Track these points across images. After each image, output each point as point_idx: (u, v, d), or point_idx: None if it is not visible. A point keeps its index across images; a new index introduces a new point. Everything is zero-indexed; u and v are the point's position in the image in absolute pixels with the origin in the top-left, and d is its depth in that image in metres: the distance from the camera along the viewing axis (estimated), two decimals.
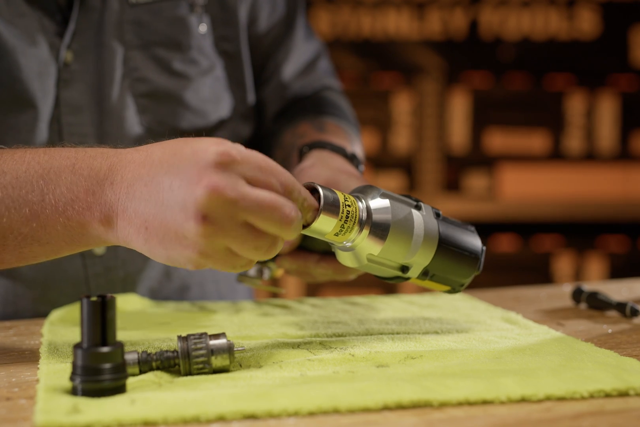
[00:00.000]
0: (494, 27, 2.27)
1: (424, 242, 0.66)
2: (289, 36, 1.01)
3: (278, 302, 0.87)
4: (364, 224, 0.63)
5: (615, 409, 0.53)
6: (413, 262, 0.66)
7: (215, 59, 0.94)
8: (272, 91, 1.01)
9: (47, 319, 0.78)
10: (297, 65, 1.02)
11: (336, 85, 1.06)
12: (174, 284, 0.95)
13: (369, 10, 2.26)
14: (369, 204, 0.64)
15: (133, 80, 0.88)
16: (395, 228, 0.64)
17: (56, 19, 0.85)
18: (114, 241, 0.60)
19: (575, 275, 2.25)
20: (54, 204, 0.60)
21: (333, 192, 0.62)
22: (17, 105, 0.83)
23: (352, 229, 0.63)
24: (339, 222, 0.62)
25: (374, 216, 0.64)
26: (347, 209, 0.62)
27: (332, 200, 0.62)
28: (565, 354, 0.64)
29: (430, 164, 2.22)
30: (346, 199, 0.63)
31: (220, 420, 0.50)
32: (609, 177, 2.25)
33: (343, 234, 0.63)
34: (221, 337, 0.59)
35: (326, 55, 1.06)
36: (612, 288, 0.95)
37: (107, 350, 0.53)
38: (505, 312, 0.81)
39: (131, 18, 0.88)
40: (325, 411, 0.52)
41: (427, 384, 0.55)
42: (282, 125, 0.97)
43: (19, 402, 0.53)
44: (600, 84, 2.25)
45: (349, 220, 0.62)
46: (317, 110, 0.97)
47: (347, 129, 0.95)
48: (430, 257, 0.67)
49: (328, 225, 0.62)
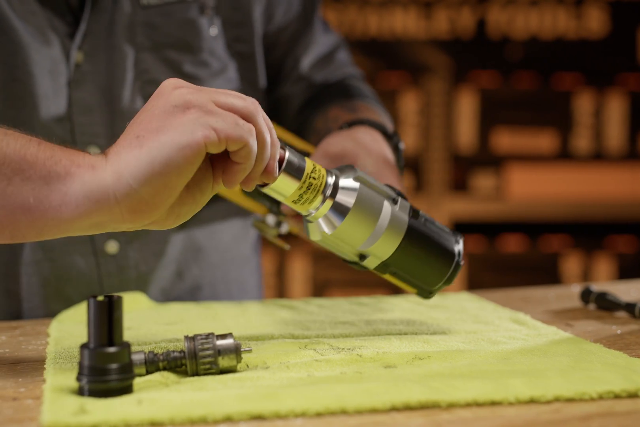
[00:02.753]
0: (502, 26, 2.26)
1: (385, 234, 0.64)
2: (307, 31, 1.01)
3: (284, 303, 0.87)
4: (325, 199, 0.63)
5: (625, 411, 0.53)
6: (371, 252, 0.65)
7: (228, 61, 0.94)
8: (294, 85, 1.01)
9: (54, 319, 0.78)
10: (316, 58, 1.02)
11: (358, 74, 1.06)
12: (186, 284, 0.95)
13: (376, 9, 2.25)
14: (338, 182, 0.64)
15: (144, 83, 0.88)
16: (356, 212, 0.63)
17: (67, 19, 0.85)
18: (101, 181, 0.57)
19: (584, 275, 2.24)
20: (44, 149, 0.59)
21: (302, 160, 0.62)
22: (29, 102, 0.84)
23: (313, 201, 0.63)
24: (298, 191, 0.62)
25: (338, 195, 0.63)
26: (310, 180, 0.62)
27: (296, 166, 0.62)
28: (574, 355, 0.63)
29: (437, 164, 2.22)
30: (314, 170, 0.62)
31: (227, 420, 0.50)
32: (618, 177, 2.24)
33: (302, 204, 0.63)
34: (228, 338, 0.59)
35: (345, 47, 1.06)
36: (621, 288, 0.95)
37: (114, 350, 0.53)
38: (514, 313, 0.80)
39: (142, 20, 0.88)
40: (332, 411, 0.51)
41: (435, 384, 0.54)
42: (311, 114, 0.96)
43: (25, 403, 0.53)
44: (609, 83, 2.25)
45: (310, 191, 0.62)
46: (343, 95, 0.97)
47: (377, 109, 0.94)
48: (390, 252, 0.65)
49: (287, 189, 0.62)
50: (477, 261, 2.21)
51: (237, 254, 1.00)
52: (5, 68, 0.83)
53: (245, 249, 1.01)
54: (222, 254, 0.98)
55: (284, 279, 2.21)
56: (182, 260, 0.94)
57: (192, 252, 0.95)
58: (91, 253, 0.89)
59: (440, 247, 0.67)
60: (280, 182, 0.61)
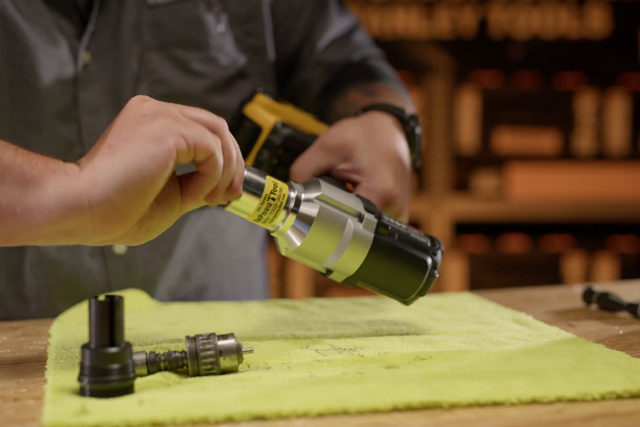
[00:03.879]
0: (504, 26, 2.26)
1: (348, 252, 0.65)
2: (322, 15, 1.00)
3: (286, 303, 0.86)
4: (287, 217, 0.64)
5: (627, 411, 0.53)
6: (335, 268, 0.66)
7: (238, 56, 0.93)
8: (313, 70, 1.00)
9: (55, 320, 0.78)
10: (331, 39, 1.01)
11: (378, 53, 1.05)
12: (193, 284, 0.95)
13: (378, 9, 2.25)
14: (300, 201, 0.64)
15: (151, 82, 0.88)
16: (315, 232, 0.64)
17: (74, 20, 0.85)
18: (76, 187, 0.58)
19: (586, 276, 2.24)
20: (21, 154, 0.59)
21: (262, 178, 0.63)
22: (37, 103, 0.84)
23: (274, 220, 0.64)
24: (257, 211, 0.63)
25: (298, 214, 0.64)
26: (269, 200, 0.63)
27: (255, 184, 0.63)
28: (576, 356, 0.63)
29: (439, 164, 2.22)
30: (275, 190, 0.63)
31: (229, 421, 0.50)
32: (620, 177, 2.23)
33: (263, 222, 0.64)
34: (229, 338, 0.59)
35: (362, 28, 1.05)
36: (623, 289, 0.94)
37: (115, 350, 0.53)
38: (516, 313, 0.80)
39: (149, 19, 0.88)
40: (334, 412, 0.51)
41: (436, 385, 0.54)
42: (332, 97, 0.96)
43: (26, 403, 0.53)
44: (611, 83, 2.24)
45: (270, 210, 0.63)
46: (364, 76, 0.96)
47: (398, 90, 0.93)
48: (354, 268, 0.66)
49: (247, 208, 0.63)
50: (478, 261, 2.21)
51: (244, 254, 1.00)
52: (13, 69, 0.83)
53: (252, 249, 1.01)
54: (229, 254, 0.98)
55: (286, 279, 2.21)
56: (189, 260, 0.94)
57: (199, 253, 0.95)
58: (99, 254, 0.89)
59: (409, 261, 0.67)
60: (240, 201, 0.63)
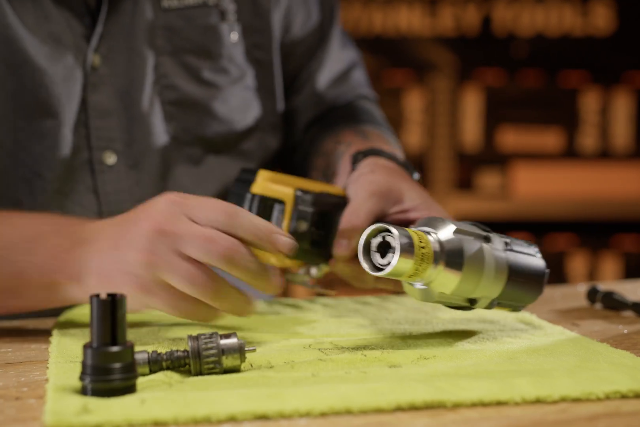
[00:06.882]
0: (507, 23, 2.25)
1: (494, 277, 0.65)
2: (324, 45, 1.00)
3: (289, 302, 0.86)
4: (437, 264, 0.63)
5: (632, 411, 0.52)
6: (482, 295, 0.66)
7: (246, 68, 0.93)
8: (305, 100, 0.99)
9: (57, 318, 0.78)
10: (331, 75, 1.00)
11: (371, 95, 1.04)
12: None
13: (381, 7, 2.25)
14: (442, 243, 0.63)
15: (162, 87, 0.88)
16: (467, 267, 0.64)
17: (85, 21, 0.85)
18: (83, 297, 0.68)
19: (590, 274, 2.23)
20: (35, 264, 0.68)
21: (407, 234, 0.61)
22: (40, 110, 0.83)
23: (426, 270, 0.62)
24: (414, 266, 0.61)
25: (446, 257, 0.63)
26: (421, 251, 0.61)
27: (407, 244, 0.60)
28: (580, 355, 0.63)
29: (442, 162, 2.21)
30: (420, 240, 0.62)
31: (231, 420, 0.50)
32: (624, 175, 2.23)
33: (417, 276, 0.62)
34: (232, 337, 0.59)
35: (362, 65, 1.05)
36: (627, 288, 0.94)
37: (117, 349, 0.53)
38: (519, 312, 0.80)
39: (163, 23, 0.87)
40: (337, 411, 0.51)
41: (440, 384, 0.54)
42: (320, 133, 0.95)
43: (28, 402, 0.53)
44: (615, 81, 2.24)
45: (424, 262, 0.62)
46: (354, 118, 0.96)
47: (388, 137, 0.94)
48: (499, 291, 0.66)
49: (403, 268, 0.61)
50: None
51: None
52: (14, 77, 0.82)
53: None
54: None
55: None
56: None
57: None
58: None
59: (533, 267, 0.68)
60: (398, 264, 0.60)
